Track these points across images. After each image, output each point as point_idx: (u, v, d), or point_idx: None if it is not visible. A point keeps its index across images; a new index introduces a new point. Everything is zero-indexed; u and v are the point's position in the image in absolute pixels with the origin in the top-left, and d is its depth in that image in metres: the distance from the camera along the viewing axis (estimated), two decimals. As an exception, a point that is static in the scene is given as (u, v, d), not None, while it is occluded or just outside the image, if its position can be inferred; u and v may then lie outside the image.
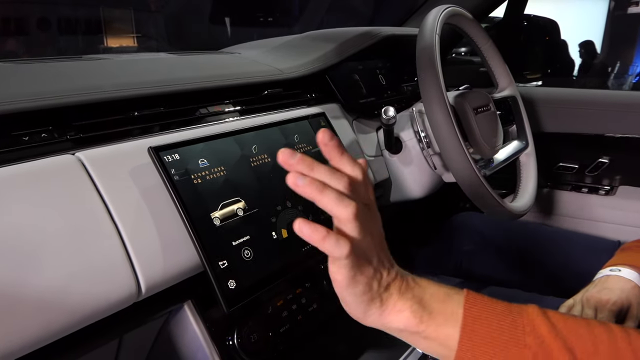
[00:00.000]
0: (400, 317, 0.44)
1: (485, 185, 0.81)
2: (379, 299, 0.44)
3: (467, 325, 0.43)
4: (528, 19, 1.39)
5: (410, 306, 0.44)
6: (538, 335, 0.42)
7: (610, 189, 1.21)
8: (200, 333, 0.63)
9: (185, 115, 0.70)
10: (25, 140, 0.54)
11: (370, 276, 0.43)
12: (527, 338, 0.42)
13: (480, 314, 0.44)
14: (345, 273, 0.43)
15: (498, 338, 0.42)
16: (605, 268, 0.82)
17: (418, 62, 0.81)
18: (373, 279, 0.44)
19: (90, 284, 0.50)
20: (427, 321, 0.44)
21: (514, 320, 0.43)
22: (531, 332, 0.42)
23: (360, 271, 0.43)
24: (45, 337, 0.47)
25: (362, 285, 0.43)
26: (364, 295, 0.44)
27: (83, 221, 0.51)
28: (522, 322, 0.43)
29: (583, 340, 0.42)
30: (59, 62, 0.75)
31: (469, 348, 0.43)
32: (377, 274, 0.44)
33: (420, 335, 0.44)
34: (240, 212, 0.63)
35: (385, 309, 0.44)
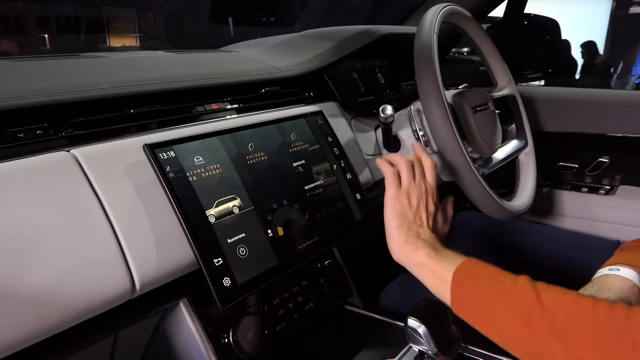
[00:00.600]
0: (415, 252, 0.63)
1: (483, 184, 0.81)
2: (405, 235, 0.64)
3: (462, 267, 0.58)
4: (528, 18, 1.38)
5: (425, 247, 0.63)
6: (515, 280, 0.54)
7: (610, 189, 1.21)
8: (196, 330, 0.63)
9: (181, 113, 0.70)
10: (20, 137, 0.54)
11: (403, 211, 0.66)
12: (505, 281, 0.54)
13: (476, 263, 0.59)
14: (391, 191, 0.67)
15: (483, 278, 0.56)
16: (604, 267, 0.81)
17: (416, 60, 0.81)
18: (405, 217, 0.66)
19: (85, 280, 0.50)
20: (435, 258, 0.61)
21: (502, 272, 0.56)
22: (511, 278, 0.54)
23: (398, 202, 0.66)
24: (40, 332, 0.47)
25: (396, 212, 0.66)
26: (395, 221, 0.65)
27: (77, 218, 0.51)
28: (508, 274, 0.55)
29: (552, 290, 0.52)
30: (56, 59, 0.75)
31: (460, 280, 0.57)
32: (409, 216, 0.66)
33: (428, 269, 0.61)
34: (235, 209, 0.63)
35: (408, 244, 0.64)
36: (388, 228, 0.66)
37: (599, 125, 1.17)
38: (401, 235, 0.64)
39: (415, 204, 0.67)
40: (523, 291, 0.52)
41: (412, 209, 0.66)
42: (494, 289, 0.54)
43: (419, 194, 0.68)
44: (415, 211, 0.67)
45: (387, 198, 0.67)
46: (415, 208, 0.67)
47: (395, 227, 0.65)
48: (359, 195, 0.81)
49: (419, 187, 0.68)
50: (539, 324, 0.50)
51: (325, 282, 0.79)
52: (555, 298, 0.51)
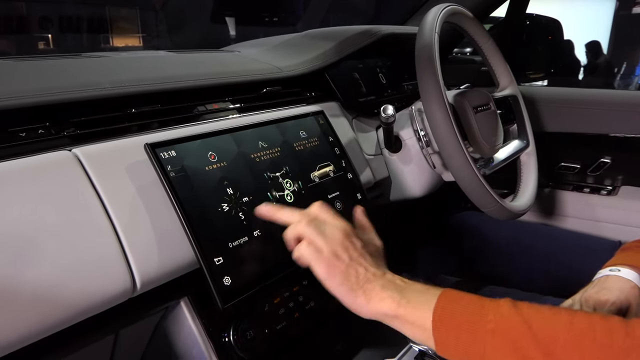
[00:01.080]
0: (383, 303, 0.53)
1: (484, 184, 0.81)
2: (362, 290, 0.55)
3: (439, 308, 0.51)
4: (530, 18, 1.38)
5: (391, 295, 0.53)
6: (500, 313, 0.49)
7: (612, 189, 1.20)
8: (196, 329, 0.63)
9: (183, 113, 0.71)
10: (22, 136, 0.54)
11: (343, 269, 0.55)
12: (489, 315, 0.49)
13: (453, 299, 0.52)
14: (320, 266, 0.56)
15: (465, 317, 0.50)
16: (605, 268, 0.81)
17: (417, 60, 0.81)
18: (348, 275, 0.55)
19: (86, 279, 0.50)
20: (405, 306, 0.52)
21: (483, 304, 0.50)
22: (495, 311, 0.49)
23: (332, 265, 0.55)
24: (40, 330, 0.48)
25: (339, 276, 0.55)
26: (343, 286, 0.55)
27: (79, 217, 0.52)
28: (489, 305, 0.50)
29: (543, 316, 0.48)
30: (57, 59, 0.75)
31: (441, 326, 0.50)
32: (352, 269, 0.55)
33: (401, 320, 0.53)
34: (236, 209, 0.63)
35: (371, 298, 0.54)
36: (342, 295, 0.55)
37: (601, 125, 1.17)
38: (358, 293, 0.54)
39: (346, 255, 0.56)
40: (511, 324, 0.47)
41: (346, 263, 0.55)
42: (480, 330, 0.48)
43: (340, 242, 0.56)
44: (351, 262, 0.56)
45: (319, 273, 0.56)
46: (348, 259, 0.56)
47: (348, 291, 0.55)
48: (359, 195, 0.81)
49: (335, 237, 0.57)
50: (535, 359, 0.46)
51: (326, 281, 0.79)
52: (548, 325, 0.47)
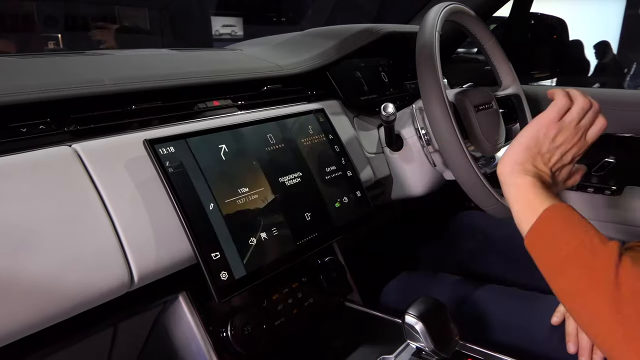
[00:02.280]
0: (524, 177, 0.59)
1: (484, 181, 0.81)
2: (525, 157, 0.61)
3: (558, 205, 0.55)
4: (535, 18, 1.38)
5: (534, 177, 0.59)
6: (603, 240, 0.51)
7: (616, 189, 1.19)
8: (195, 324, 0.64)
9: (183, 110, 0.71)
10: (23, 131, 0.55)
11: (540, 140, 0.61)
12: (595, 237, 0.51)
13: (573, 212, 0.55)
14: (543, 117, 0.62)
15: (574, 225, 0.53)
16: (607, 267, 0.81)
17: (417, 58, 0.81)
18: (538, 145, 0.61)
19: (84, 272, 0.51)
20: (538, 188, 0.58)
21: (595, 229, 0.53)
22: (602, 239, 0.51)
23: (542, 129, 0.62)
24: (39, 322, 0.48)
25: (535, 136, 0.62)
26: (528, 141, 0.61)
27: (77, 211, 0.52)
28: (599, 233, 0.52)
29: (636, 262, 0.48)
30: (60, 56, 0.76)
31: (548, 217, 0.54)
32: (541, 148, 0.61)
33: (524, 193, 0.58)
34: (235, 205, 0.63)
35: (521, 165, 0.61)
36: (516, 142, 0.62)
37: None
38: (520, 155, 0.61)
39: (559, 142, 0.61)
40: (606, 254, 0.49)
41: (551, 143, 0.61)
42: (578, 238, 0.51)
43: (569, 138, 0.62)
44: (552, 148, 0.61)
45: (539, 118, 0.62)
46: (555, 146, 0.61)
47: (521, 146, 0.61)
48: (359, 192, 0.81)
49: (574, 132, 0.62)
50: (604, 289, 0.47)
51: (325, 278, 0.80)
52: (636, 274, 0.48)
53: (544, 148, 0.61)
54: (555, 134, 0.62)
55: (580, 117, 0.63)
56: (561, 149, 0.62)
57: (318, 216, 0.73)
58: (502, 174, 0.62)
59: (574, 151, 0.63)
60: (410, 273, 1.09)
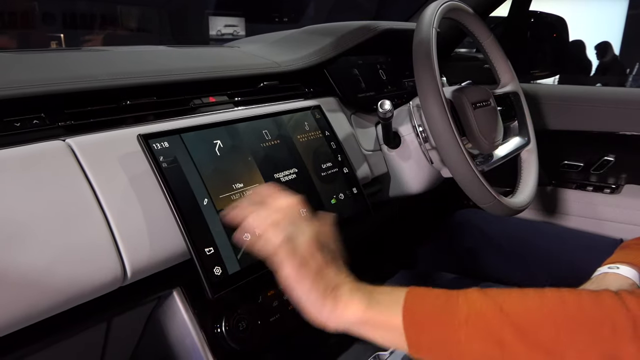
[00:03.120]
0: (350, 309, 0.50)
1: (481, 179, 0.81)
2: (331, 297, 0.51)
3: (407, 304, 0.49)
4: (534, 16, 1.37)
5: (359, 298, 0.50)
6: (469, 299, 0.48)
7: (616, 188, 1.19)
8: (189, 319, 0.64)
9: (179, 106, 0.71)
10: (17, 126, 0.55)
11: (312, 274, 0.51)
12: (460, 304, 0.47)
13: (421, 294, 0.50)
14: (292, 268, 0.51)
15: (436, 310, 0.48)
16: (604, 266, 0.80)
17: (414, 55, 0.81)
18: (317, 277, 0.51)
19: (76, 266, 0.51)
20: (375, 307, 0.50)
21: (451, 295, 0.49)
22: (464, 298, 0.48)
23: (304, 268, 0.51)
24: (30, 315, 0.48)
25: (308, 281, 0.51)
26: (312, 292, 0.51)
27: (70, 205, 0.52)
28: (457, 295, 0.49)
29: (512, 297, 0.47)
30: (57, 52, 0.76)
31: (412, 323, 0.48)
32: (321, 274, 0.51)
33: (370, 324, 0.50)
34: (229, 200, 0.63)
35: (338, 305, 0.50)
36: (309, 304, 0.51)
37: (605, 123, 1.16)
38: (327, 301, 0.50)
39: (315, 258, 0.52)
40: (483, 310, 0.46)
41: (317, 263, 0.52)
42: (453, 320, 0.47)
43: (308, 239, 0.53)
44: (321, 264, 0.52)
45: (288, 278, 0.51)
46: (317, 263, 0.52)
47: (317, 298, 0.50)
48: (355, 189, 0.81)
49: (303, 234, 0.53)
50: (512, 341, 0.45)
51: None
52: (519, 305, 0.46)
53: (321, 274, 0.51)
54: (306, 259, 0.52)
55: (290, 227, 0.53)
56: (320, 251, 0.53)
57: (313, 212, 0.73)
58: (338, 327, 0.51)
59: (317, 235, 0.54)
60: (408, 271, 1.09)
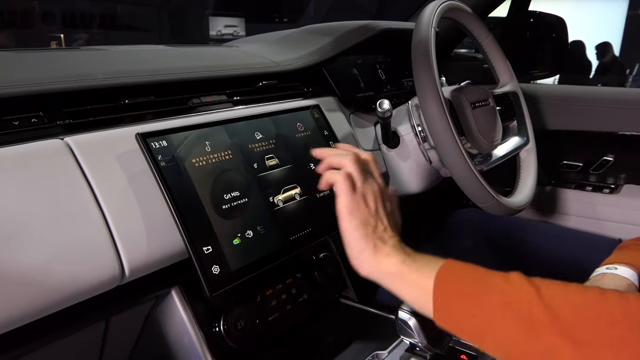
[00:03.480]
0: (389, 259, 0.54)
1: (479, 178, 0.81)
2: (373, 243, 0.55)
3: (443, 271, 0.50)
4: (534, 16, 1.37)
5: (398, 254, 0.54)
6: (509, 279, 0.47)
7: (615, 188, 1.19)
8: (187, 318, 0.64)
9: (177, 105, 0.71)
10: (15, 124, 0.55)
11: (365, 216, 0.56)
12: (496, 283, 0.47)
13: (459, 266, 0.51)
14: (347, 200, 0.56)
15: (470, 282, 0.49)
16: (602, 266, 0.80)
17: (413, 54, 0.81)
18: (367, 223, 0.56)
19: (74, 264, 0.51)
20: (410, 264, 0.53)
21: (490, 273, 0.49)
22: (504, 278, 0.47)
23: (357, 208, 0.56)
24: (29, 313, 0.48)
25: (357, 220, 0.56)
26: (358, 231, 0.55)
27: (68, 204, 0.52)
28: (498, 274, 0.48)
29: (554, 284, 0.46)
30: (55, 52, 0.76)
31: (443, 289, 0.49)
32: (371, 221, 0.57)
33: (402, 278, 0.53)
34: (226, 199, 0.63)
35: (378, 253, 0.55)
36: (352, 240, 0.56)
37: (604, 123, 1.16)
38: (369, 245, 0.55)
39: (374, 206, 0.58)
40: (520, 288, 0.46)
41: (371, 212, 0.58)
42: (485, 291, 0.47)
43: (374, 194, 0.59)
44: (375, 215, 0.58)
45: (343, 207, 0.57)
46: (374, 211, 0.58)
47: (361, 238, 0.56)
48: (354, 188, 0.81)
49: (371, 187, 0.59)
50: (543, 323, 0.43)
51: (320, 274, 0.80)
52: (558, 291, 0.45)
53: (372, 221, 0.57)
54: (365, 204, 0.57)
55: (362, 175, 0.59)
56: (379, 207, 0.58)
57: (312, 211, 0.73)
58: (371, 274, 0.55)
59: (385, 198, 0.60)
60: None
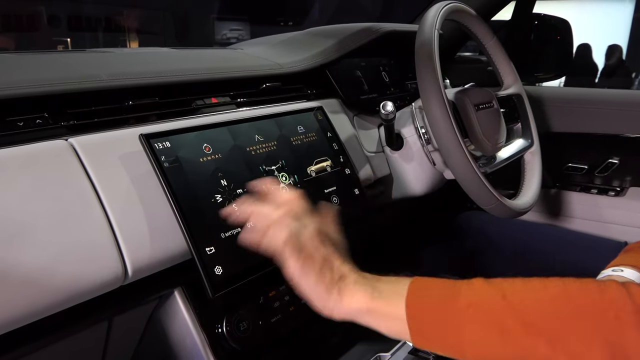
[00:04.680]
0: (356, 299, 0.50)
1: (484, 181, 0.80)
2: (336, 287, 0.51)
3: (411, 294, 0.49)
4: (538, 18, 1.37)
5: (363, 289, 0.51)
6: (472, 288, 0.47)
7: (620, 190, 1.19)
8: (190, 319, 0.64)
9: (181, 106, 0.71)
10: (20, 125, 0.55)
11: (317, 268, 0.52)
12: (462, 292, 0.47)
13: (424, 285, 0.50)
14: (296, 264, 0.52)
15: (438, 298, 0.48)
16: (608, 269, 0.80)
17: (416, 56, 0.81)
18: (323, 270, 0.52)
19: (77, 265, 0.51)
20: (378, 298, 0.50)
21: (454, 284, 0.48)
22: (468, 287, 0.47)
23: (308, 263, 0.52)
24: (31, 313, 0.48)
25: (314, 274, 0.51)
26: (318, 285, 0.51)
27: (72, 204, 0.53)
28: (461, 284, 0.48)
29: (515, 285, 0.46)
30: (60, 54, 0.77)
31: (415, 312, 0.48)
32: (326, 267, 0.52)
33: (375, 314, 0.50)
34: (230, 200, 0.63)
35: (343, 295, 0.51)
36: (316, 296, 0.51)
37: (609, 126, 1.15)
38: (333, 291, 0.51)
39: (320, 251, 0.52)
40: (485, 297, 0.46)
41: (320, 259, 0.52)
42: (454, 305, 0.46)
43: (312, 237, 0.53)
44: (324, 258, 0.52)
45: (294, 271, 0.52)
46: (322, 256, 0.52)
47: (324, 290, 0.51)
48: (357, 190, 0.81)
49: (306, 231, 0.53)
50: (513, 327, 0.44)
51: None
52: (522, 292, 0.45)
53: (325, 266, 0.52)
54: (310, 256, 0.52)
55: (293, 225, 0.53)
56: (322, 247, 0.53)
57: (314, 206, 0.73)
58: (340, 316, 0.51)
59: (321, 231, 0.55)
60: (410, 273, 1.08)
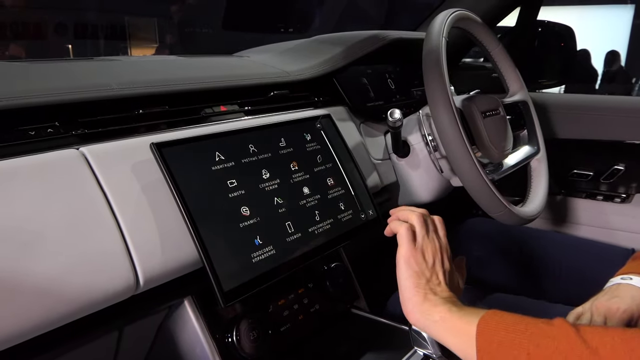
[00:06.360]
0: (435, 309, 0.57)
1: (492, 188, 0.80)
2: (423, 293, 0.59)
3: (487, 315, 0.53)
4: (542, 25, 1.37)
5: (444, 304, 0.57)
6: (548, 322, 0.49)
7: (626, 197, 1.18)
8: (200, 329, 0.64)
9: (190, 115, 0.72)
10: (31, 134, 0.55)
11: (420, 268, 0.60)
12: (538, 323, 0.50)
13: (502, 313, 0.53)
14: (406, 249, 0.61)
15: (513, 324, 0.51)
16: (617, 276, 0.80)
17: (424, 64, 0.81)
18: (422, 274, 0.60)
19: (89, 275, 0.51)
20: (455, 311, 0.56)
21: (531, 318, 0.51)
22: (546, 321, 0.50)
23: (414, 258, 0.61)
24: (44, 324, 0.48)
25: (411, 270, 0.60)
26: (412, 279, 0.60)
27: (83, 214, 0.52)
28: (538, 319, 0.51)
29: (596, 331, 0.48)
30: (69, 62, 0.77)
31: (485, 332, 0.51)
32: (426, 273, 0.60)
33: (446, 325, 0.56)
34: (242, 209, 0.63)
35: (426, 302, 0.58)
36: (403, 288, 0.60)
37: (614, 132, 1.16)
38: (419, 294, 0.59)
39: (431, 261, 0.62)
40: (561, 331, 0.48)
41: (428, 266, 0.61)
42: (526, 334, 0.49)
43: (434, 249, 0.62)
44: (431, 268, 0.61)
45: (401, 256, 0.61)
46: (431, 265, 0.61)
47: (412, 287, 0.59)
48: (365, 198, 0.81)
49: (433, 243, 0.63)
50: None
51: (332, 284, 0.79)
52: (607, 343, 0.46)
53: (427, 274, 0.60)
54: (422, 257, 0.61)
55: (425, 229, 0.64)
56: (437, 263, 0.62)
57: (324, 221, 0.73)
58: (417, 321, 0.59)
59: (445, 256, 0.64)
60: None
